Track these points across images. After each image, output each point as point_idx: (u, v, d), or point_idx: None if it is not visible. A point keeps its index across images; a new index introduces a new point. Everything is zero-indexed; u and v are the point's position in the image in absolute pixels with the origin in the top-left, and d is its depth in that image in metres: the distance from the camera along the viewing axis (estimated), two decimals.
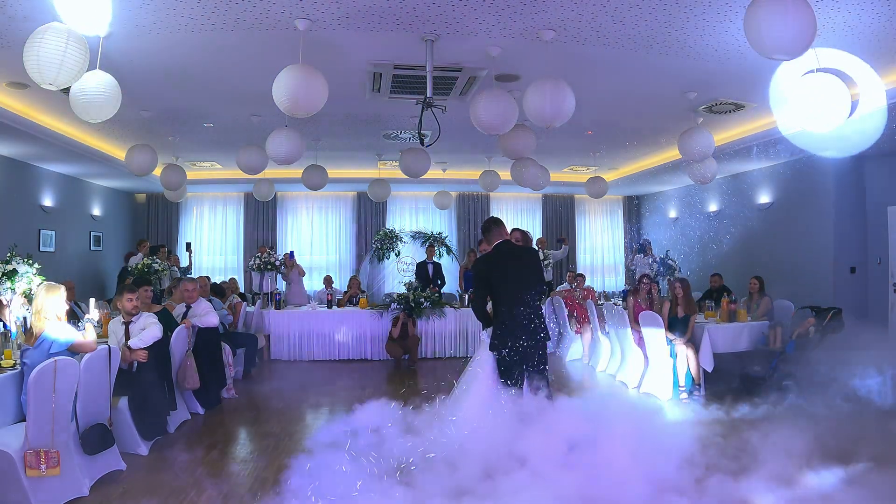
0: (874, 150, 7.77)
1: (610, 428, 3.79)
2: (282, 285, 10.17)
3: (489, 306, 4.52)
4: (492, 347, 4.35)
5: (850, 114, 3.60)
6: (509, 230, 4.76)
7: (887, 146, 7.58)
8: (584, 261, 13.49)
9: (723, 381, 6.61)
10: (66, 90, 4.94)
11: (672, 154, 8.96)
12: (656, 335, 6.54)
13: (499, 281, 4.39)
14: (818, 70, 3.59)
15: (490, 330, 4.42)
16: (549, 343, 4.56)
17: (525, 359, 4.31)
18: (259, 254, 9.66)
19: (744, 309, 7.06)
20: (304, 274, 10.35)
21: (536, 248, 4.96)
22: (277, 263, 9.57)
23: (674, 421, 5.55)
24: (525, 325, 4.31)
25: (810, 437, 4.14)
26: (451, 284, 11.01)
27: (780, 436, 4.24)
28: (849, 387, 5.49)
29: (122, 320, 5.07)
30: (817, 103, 3.54)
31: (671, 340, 6.53)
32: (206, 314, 6.06)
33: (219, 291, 7.89)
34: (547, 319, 9.41)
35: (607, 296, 10.89)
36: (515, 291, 4.36)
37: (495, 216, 4.72)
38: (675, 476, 3.52)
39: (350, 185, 11.70)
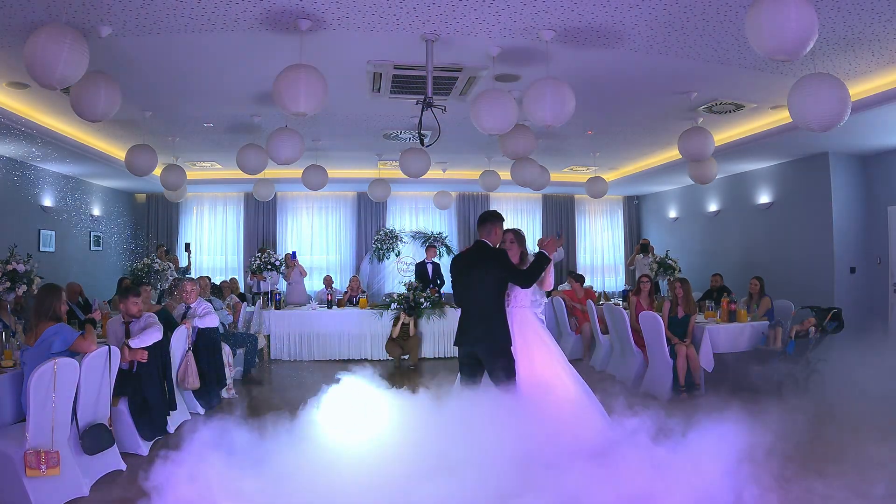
0: (874, 150, 7.81)
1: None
2: (282, 285, 10.17)
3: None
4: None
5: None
6: (504, 229, 4.66)
7: (886, 145, 7.59)
8: (584, 261, 13.48)
9: (723, 382, 6.60)
10: (66, 90, 4.98)
11: (672, 154, 8.95)
12: (656, 335, 6.54)
13: (459, 284, 4.46)
14: None
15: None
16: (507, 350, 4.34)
17: (479, 364, 4.30)
18: (259, 253, 9.65)
19: (744, 309, 7.05)
20: (305, 274, 10.36)
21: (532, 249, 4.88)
22: (277, 263, 9.57)
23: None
24: (476, 332, 4.28)
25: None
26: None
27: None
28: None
29: (122, 320, 5.07)
30: None
31: (671, 340, 6.53)
32: (206, 314, 6.06)
33: (215, 292, 7.89)
34: (547, 319, 9.49)
35: (607, 296, 10.90)
36: (472, 297, 4.36)
37: (494, 210, 4.66)
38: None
39: (350, 185, 11.68)
